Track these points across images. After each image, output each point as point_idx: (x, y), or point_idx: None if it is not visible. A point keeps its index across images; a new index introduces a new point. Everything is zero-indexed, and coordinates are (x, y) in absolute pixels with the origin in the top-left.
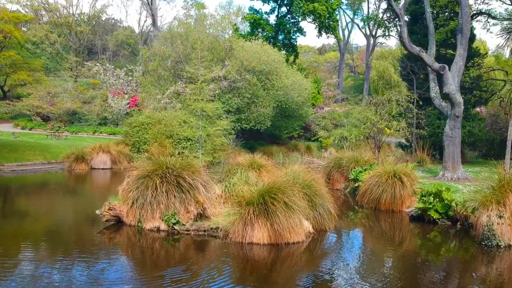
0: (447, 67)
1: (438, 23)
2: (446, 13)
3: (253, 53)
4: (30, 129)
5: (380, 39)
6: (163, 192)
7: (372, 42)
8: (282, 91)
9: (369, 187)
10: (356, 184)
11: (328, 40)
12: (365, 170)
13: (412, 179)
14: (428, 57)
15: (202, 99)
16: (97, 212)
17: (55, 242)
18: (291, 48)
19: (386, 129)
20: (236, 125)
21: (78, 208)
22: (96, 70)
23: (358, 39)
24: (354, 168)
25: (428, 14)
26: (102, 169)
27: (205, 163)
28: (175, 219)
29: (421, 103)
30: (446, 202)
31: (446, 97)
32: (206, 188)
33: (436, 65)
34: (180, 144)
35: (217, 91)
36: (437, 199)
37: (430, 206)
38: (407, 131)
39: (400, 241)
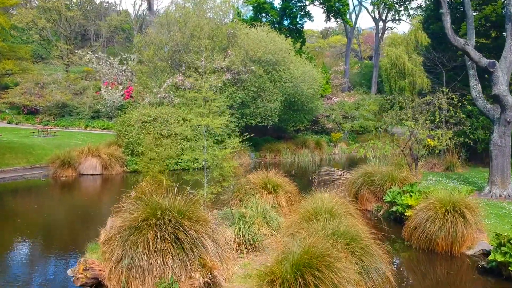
0: (497, 63)
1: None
2: None
3: (258, 41)
4: (17, 124)
5: (390, 24)
6: (157, 252)
7: (381, 26)
8: (291, 83)
9: (420, 223)
10: (394, 209)
11: (331, 23)
12: (404, 192)
13: (475, 213)
14: (475, 51)
15: (209, 112)
16: (69, 273)
17: None
18: (298, 34)
19: (428, 140)
20: (241, 121)
21: (48, 258)
22: (88, 58)
23: (361, 21)
24: (390, 187)
25: None
26: (92, 175)
27: (211, 195)
28: None
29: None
30: None
31: (495, 99)
32: (216, 242)
33: (484, 61)
34: (179, 145)
35: (219, 84)
36: None
37: None
38: (452, 142)
39: None
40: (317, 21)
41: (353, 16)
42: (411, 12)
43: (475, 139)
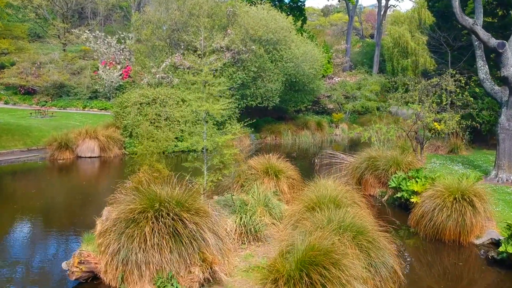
0: (507, 44)
1: None
2: None
3: (259, 20)
4: (14, 104)
5: (392, 1)
6: (154, 246)
7: (384, 3)
8: (292, 63)
9: (428, 211)
10: (399, 195)
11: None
12: (410, 177)
13: (484, 201)
14: (484, 31)
15: (208, 97)
16: (64, 266)
17: None
18: (299, 12)
19: (435, 123)
20: (241, 102)
21: (45, 251)
22: (85, 37)
23: None
24: (395, 172)
25: None
26: (90, 157)
27: (211, 183)
28: (172, 285)
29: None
30: None
31: (503, 81)
32: (216, 233)
33: (493, 42)
34: (178, 126)
35: (219, 65)
36: None
37: None
38: (459, 126)
39: None
40: None
41: None
42: None
43: (480, 121)
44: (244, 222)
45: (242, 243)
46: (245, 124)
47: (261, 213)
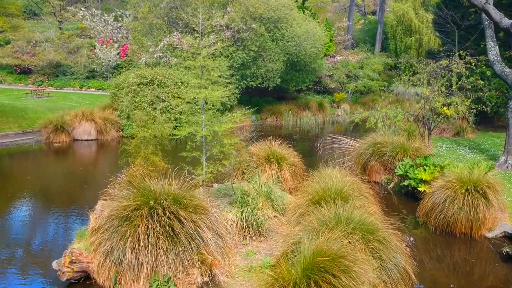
0: None
1: None
2: None
3: None
4: (10, 84)
5: None
6: (149, 246)
7: None
8: (294, 42)
9: (438, 203)
10: (406, 183)
11: None
12: (417, 165)
13: (498, 192)
14: (496, 11)
15: (207, 82)
16: (54, 265)
17: None
18: None
19: (444, 108)
20: (241, 82)
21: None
22: (82, 15)
23: None
24: (402, 159)
25: None
26: (86, 140)
27: (211, 174)
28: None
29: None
30: None
31: None
32: (216, 231)
33: (506, 22)
34: (174, 111)
35: (219, 46)
36: None
37: None
38: (468, 111)
39: None
40: None
41: None
42: None
43: (490, 104)
44: (245, 216)
45: (243, 238)
46: (246, 111)
47: (263, 205)
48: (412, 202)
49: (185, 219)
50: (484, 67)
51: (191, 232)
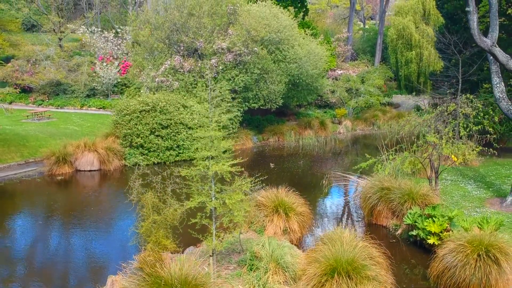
0: None
1: None
2: None
3: (261, 19)
4: (10, 103)
5: None
6: None
7: None
8: (295, 64)
9: (449, 267)
10: (414, 232)
11: None
12: (426, 215)
13: (510, 257)
14: (503, 53)
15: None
16: None
17: None
18: (300, 3)
19: (452, 156)
20: (243, 105)
21: None
22: (81, 33)
23: None
24: (410, 207)
25: None
26: (89, 171)
27: (221, 247)
28: None
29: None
30: None
31: None
32: None
33: None
34: (179, 135)
35: (220, 67)
36: None
37: None
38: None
39: None
40: None
41: None
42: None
43: (496, 137)
44: None
45: None
46: (247, 123)
47: (274, 271)
48: (422, 253)
49: None
50: (490, 106)
51: None
